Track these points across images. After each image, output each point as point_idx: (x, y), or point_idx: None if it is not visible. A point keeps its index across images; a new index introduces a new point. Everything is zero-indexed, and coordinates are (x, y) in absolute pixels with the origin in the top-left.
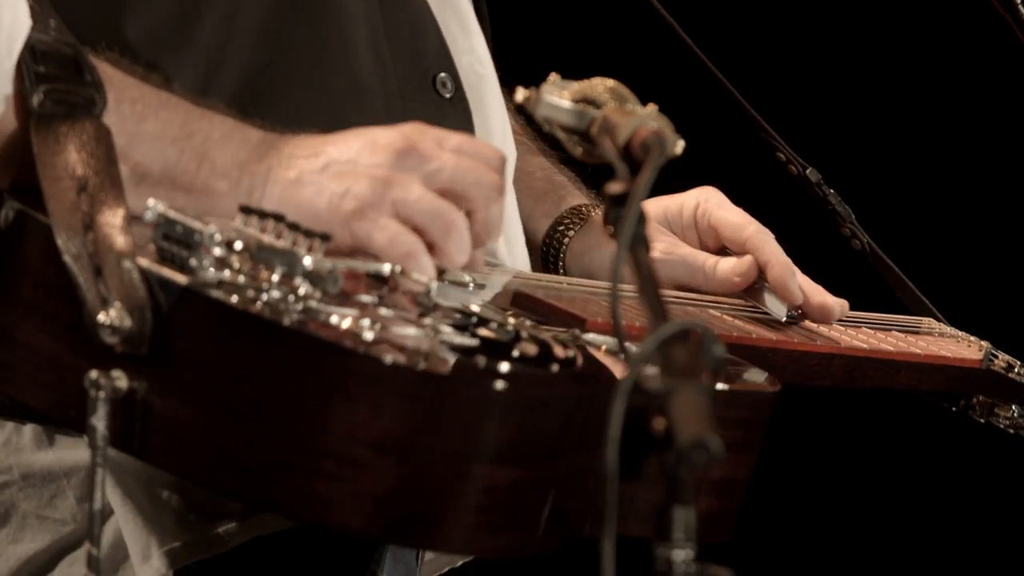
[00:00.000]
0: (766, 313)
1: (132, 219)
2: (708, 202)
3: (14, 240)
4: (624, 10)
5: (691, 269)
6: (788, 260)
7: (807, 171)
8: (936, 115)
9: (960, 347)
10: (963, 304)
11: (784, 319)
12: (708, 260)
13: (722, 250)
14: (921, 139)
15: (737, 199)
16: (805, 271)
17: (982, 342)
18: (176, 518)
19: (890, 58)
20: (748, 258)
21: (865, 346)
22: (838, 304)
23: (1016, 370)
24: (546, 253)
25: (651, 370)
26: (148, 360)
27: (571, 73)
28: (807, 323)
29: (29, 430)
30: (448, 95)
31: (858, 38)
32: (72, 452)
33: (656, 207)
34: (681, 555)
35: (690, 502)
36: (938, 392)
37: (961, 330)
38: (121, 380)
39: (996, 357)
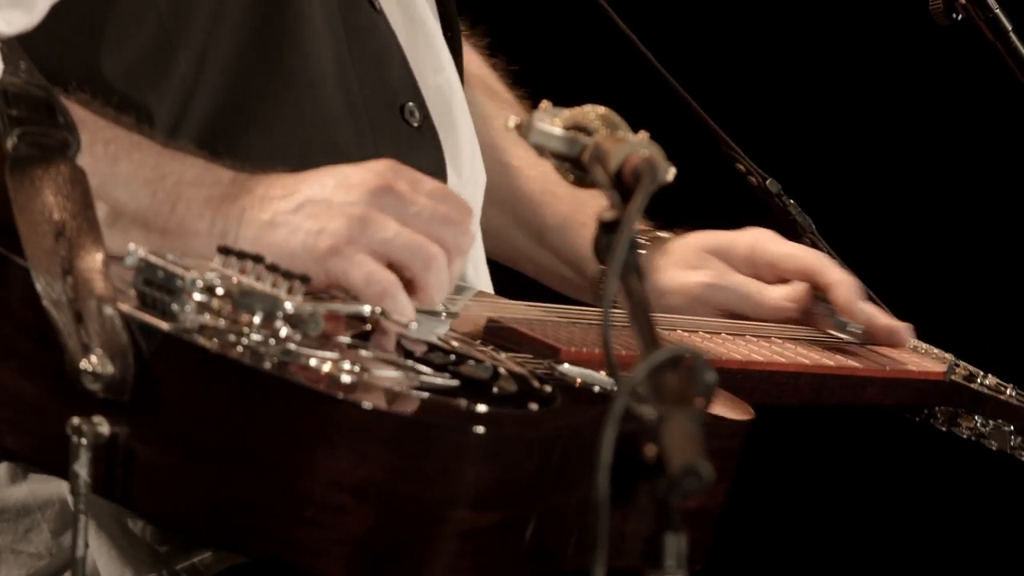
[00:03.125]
0: (825, 336)
1: (110, 259)
2: (760, 241)
3: None
4: (581, 23)
5: (741, 296)
6: (853, 281)
7: (767, 182)
8: (915, 130)
9: (923, 360)
10: (925, 314)
11: (851, 341)
12: (759, 288)
13: (780, 283)
14: (885, 152)
15: (696, 210)
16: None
17: (945, 354)
18: (150, 550)
19: (873, 75)
20: (800, 285)
21: (832, 363)
22: (904, 327)
23: (978, 380)
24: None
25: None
26: (130, 406)
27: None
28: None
29: (3, 465)
30: (416, 124)
31: (840, 54)
32: (46, 486)
33: (706, 239)
34: None
35: (681, 529)
36: (902, 404)
37: (924, 340)
38: (103, 426)
39: (958, 367)
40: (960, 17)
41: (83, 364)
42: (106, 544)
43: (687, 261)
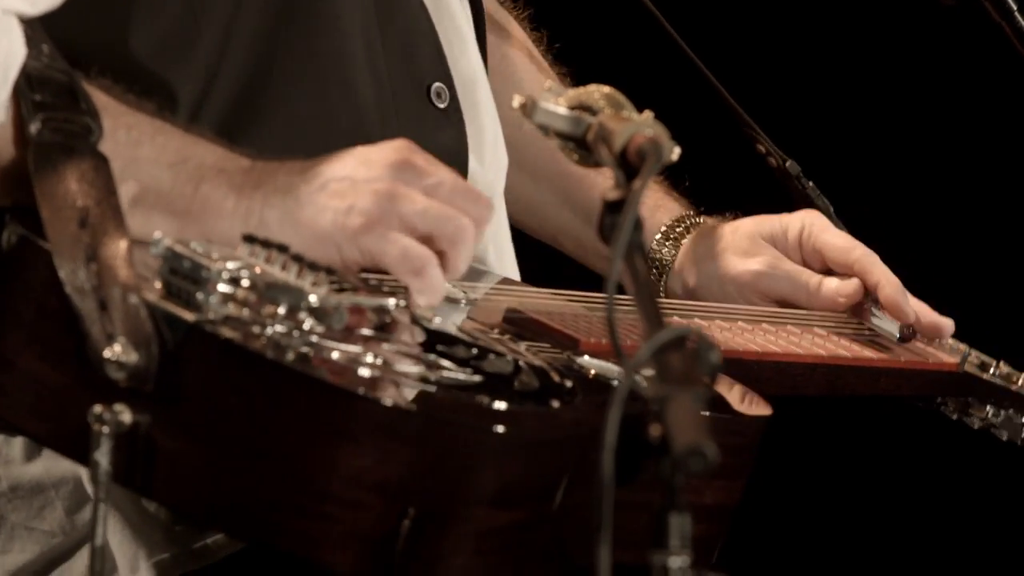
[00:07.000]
0: (869, 331)
1: (134, 245)
2: (813, 226)
3: (17, 265)
4: (608, 1)
5: (794, 285)
6: (898, 280)
7: (787, 164)
8: (919, 112)
9: (938, 351)
10: (941, 299)
11: (897, 338)
12: (812, 278)
13: (827, 272)
14: (904, 136)
15: (716, 191)
16: None
17: (960, 345)
18: (164, 530)
19: (877, 57)
20: (854, 280)
21: (847, 354)
22: (948, 322)
23: (991, 371)
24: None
25: (648, 377)
26: (153, 396)
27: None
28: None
29: (19, 441)
30: (443, 105)
31: (845, 36)
32: (60, 463)
33: (759, 224)
34: (677, 562)
35: (686, 509)
36: (916, 395)
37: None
38: (125, 414)
39: (971, 356)
40: None
41: (107, 352)
42: (120, 523)
43: (741, 248)
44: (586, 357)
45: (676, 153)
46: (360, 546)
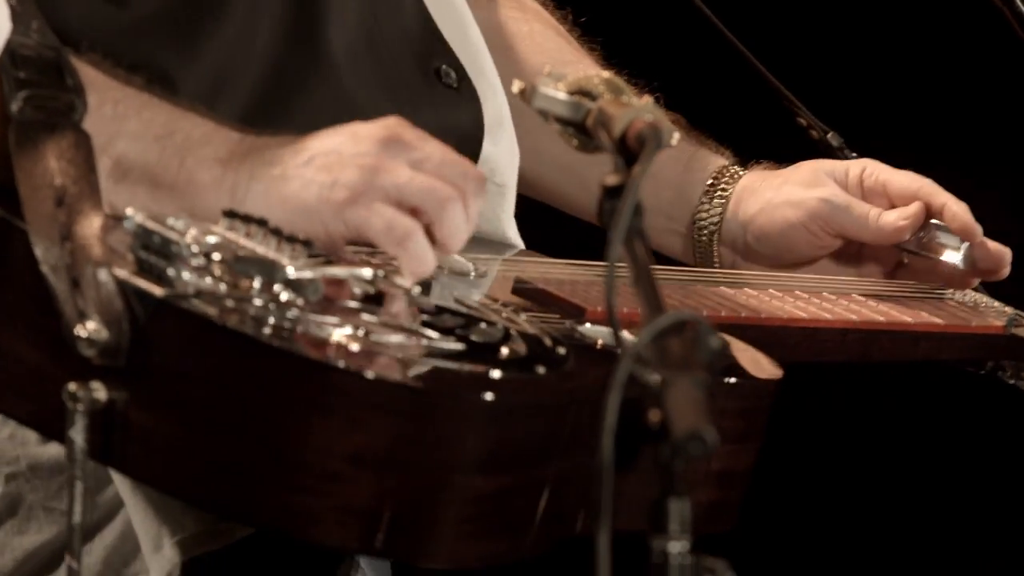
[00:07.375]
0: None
1: (114, 220)
2: (876, 166)
3: None
4: None
5: (854, 218)
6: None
7: (828, 135)
8: (935, 98)
9: (983, 313)
10: None
11: (962, 265)
12: (872, 209)
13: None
14: (904, 125)
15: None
16: None
17: (1006, 308)
18: (185, 508)
19: (877, 43)
20: (915, 204)
21: (881, 319)
22: (1007, 251)
23: None
24: (700, 231)
25: (648, 362)
26: (127, 372)
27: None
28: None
29: None
30: (454, 85)
31: (845, 26)
32: None
33: (820, 163)
34: (677, 547)
35: (685, 494)
36: (960, 360)
37: (984, 292)
38: (100, 392)
39: (1020, 320)
40: None
41: (78, 330)
42: (142, 502)
43: (805, 180)
44: (588, 325)
45: (676, 138)
46: (345, 519)
